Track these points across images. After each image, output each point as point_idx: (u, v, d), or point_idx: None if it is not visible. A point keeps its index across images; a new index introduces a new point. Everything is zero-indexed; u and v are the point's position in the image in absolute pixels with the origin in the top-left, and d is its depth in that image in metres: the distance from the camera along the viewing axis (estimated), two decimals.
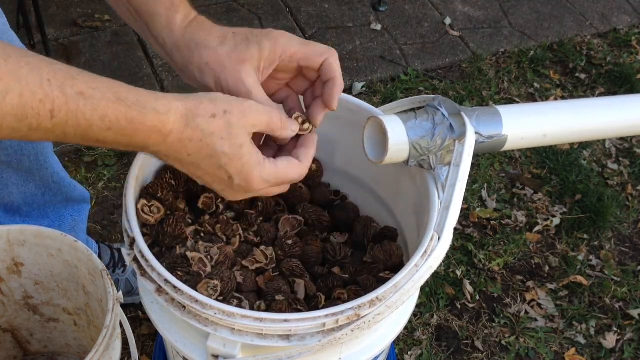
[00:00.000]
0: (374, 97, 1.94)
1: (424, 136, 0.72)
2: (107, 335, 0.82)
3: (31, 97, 0.51)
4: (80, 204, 1.20)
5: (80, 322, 1.10)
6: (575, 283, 1.56)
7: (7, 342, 1.14)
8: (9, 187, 1.08)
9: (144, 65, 1.92)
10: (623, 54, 2.24)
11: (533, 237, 1.65)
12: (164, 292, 0.70)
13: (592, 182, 1.79)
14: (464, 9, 2.32)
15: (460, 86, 2.02)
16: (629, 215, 1.74)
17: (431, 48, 2.14)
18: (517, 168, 1.83)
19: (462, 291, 1.51)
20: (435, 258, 0.70)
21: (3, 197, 1.09)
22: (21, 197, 1.10)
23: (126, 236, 0.75)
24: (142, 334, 1.34)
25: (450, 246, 0.78)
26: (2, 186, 1.07)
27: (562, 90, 2.08)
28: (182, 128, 0.60)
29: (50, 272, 1.01)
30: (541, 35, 2.26)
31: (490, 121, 0.75)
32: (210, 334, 0.70)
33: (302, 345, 0.68)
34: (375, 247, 0.88)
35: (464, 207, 1.67)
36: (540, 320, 1.48)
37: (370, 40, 2.13)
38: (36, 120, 0.52)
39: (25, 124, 0.52)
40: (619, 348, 1.46)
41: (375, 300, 0.68)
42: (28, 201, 1.11)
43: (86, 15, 2.05)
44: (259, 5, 2.18)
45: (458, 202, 0.71)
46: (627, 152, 1.92)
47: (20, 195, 1.10)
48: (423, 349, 1.39)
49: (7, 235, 0.95)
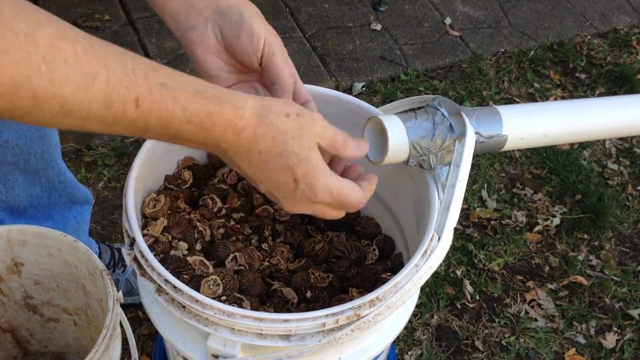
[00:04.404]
0: (374, 97, 1.94)
1: (424, 136, 0.72)
2: (107, 335, 0.82)
3: (118, 84, 0.50)
4: (83, 205, 1.20)
5: (80, 322, 1.10)
6: (575, 283, 1.56)
7: (7, 342, 1.14)
8: (15, 189, 1.08)
9: None
10: (623, 54, 2.24)
11: (533, 237, 1.65)
12: (164, 292, 0.70)
13: (592, 182, 1.79)
14: (464, 9, 2.32)
15: (460, 86, 2.02)
16: (629, 215, 1.74)
17: (431, 48, 2.14)
18: (517, 168, 1.83)
19: (462, 291, 1.51)
20: (435, 258, 0.70)
21: (9, 200, 1.09)
22: (27, 199, 1.10)
23: (126, 236, 0.75)
24: (142, 334, 1.34)
25: (450, 246, 0.78)
26: (8, 189, 1.07)
27: (562, 90, 2.08)
28: (256, 123, 0.59)
29: (50, 272, 1.01)
30: (541, 35, 2.26)
31: (490, 121, 0.75)
32: (210, 334, 0.70)
33: (302, 345, 0.68)
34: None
35: (464, 207, 1.67)
36: (540, 320, 1.48)
37: (370, 40, 2.13)
38: (122, 108, 0.51)
39: (111, 112, 0.51)
40: (619, 348, 1.46)
41: (375, 300, 0.68)
42: (34, 203, 1.11)
43: (86, 15, 2.05)
44: (259, 5, 2.17)
45: (458, 202, 0.71)
46: (627, 152, 1.92)
47: (26, 198, 1.10)
48: (423, 349, 1.39)
49: (7, 235, 0.95)
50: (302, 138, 0.61)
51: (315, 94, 0.91)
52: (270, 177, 0.63)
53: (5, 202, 1.09)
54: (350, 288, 0.83)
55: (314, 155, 0.62)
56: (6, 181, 1.06)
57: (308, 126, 0.62)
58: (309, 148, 0.62)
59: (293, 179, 0.62)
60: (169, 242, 0.84)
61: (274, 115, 0.60)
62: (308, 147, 0.62)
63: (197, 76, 0.68)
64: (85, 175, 1.61)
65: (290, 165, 0.61)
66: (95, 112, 0.51)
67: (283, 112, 0.61)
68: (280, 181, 0.63)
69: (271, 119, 0.60)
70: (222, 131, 0.58)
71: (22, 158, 1.03)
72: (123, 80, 0.51)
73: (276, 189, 0.64)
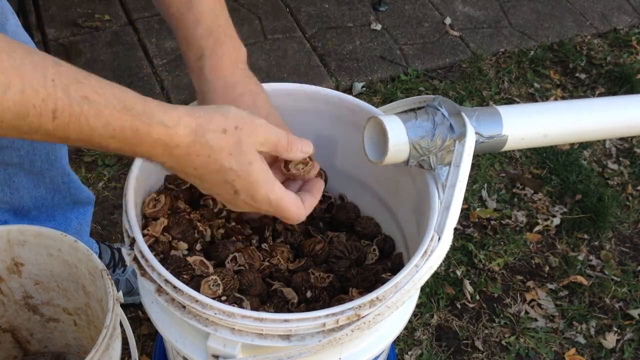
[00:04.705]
0: (374, 97, 1.94)
1: (424, 136, 0.72)
2: (107, 335, 0.82)
3: (33, 95, 0.50)
4: (85, 206, 1.20)
5: (80, 322, 1.10)
6: (575, 283, 1.56)
7: (7, 342, 1.14)
8: (20, 191, 1.07)
9: (144, 65, 1.92)
10: (623, 54, 2.24)
11: (533, 237, 1.65)
12: (164, 292, 0.70)
13: (592, 182, 1.79)
14: (464, 9, 2.32)
15: (460, 86, 2.02)
16: (629, 215, 1.74)
17: (431, 48, 2.14)
18: (517, 168, 1.83)
19: (462, 291, 1.51)
20: (435, 258, 0.70)
21: (14, 202, 1.09)
22: (31, 201, 1.10)
23: (126, 236, 0.75)
24: (142, 334, 1.34)
25: (450, 246, 0.78)
26: (13, 191, 1.07)
27: (562, 90, 2.08)
28: (190, 142, 0.59)
29: (50, 272, 1.01)
30: (541, 35, 2.26)
31: (490, 121, 0.75)
32: (210, 334, 0.70)
33: (302, 345, 0.68)
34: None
35: (464, 207, 1.67)
36: (540, 320, 1.48)
37: (370, 40, 2.13)
38: (37, 120, 0.51)
39: (26, 123, 0.51)
40: (619, 348, 1.46)
41: (375, 300, 0.68)
42: (37, 204, 1.11)
43: (86, 15, 2.05)
44: (259, 5, 2.18)
45: (458, 202, 0.71)
46: (627, 152, 1.92)
47: (30, 200, 1.10)
48: (423, 349, 1.39)
49: (7, 235, 0.95)
50: (241, 154, 0.60)
51: (315, 94, 0.92)
52: (211, 187, 0.64)
53: (9, 204, 1.08)
54: (351, 288, 0.83)
55: (254, 169, 0.62)
56: (11, 183, 1.06)
57: (246, 138, 0.61)
58: (249, 162, 0.61)
59: (233, 190, 0.63)
60: (169, 242, 0.84)
61: (211, 134, 0.59)
62: (248, 161, 0.61)
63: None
64: (86, 175, 1.61)
65: (229, 180, 0.62)
66: (8, 122, 0.50)
67: (219, 128, 0.60)
68: (222, 190, 0.63)
69: (206, 138, 0.59)
70: (150, 147, 0.57)
71: (28, 159, 1.03)
72: (39, 92, 0.50)
73: (218, 194, 0.65)
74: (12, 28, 0.91)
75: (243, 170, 0.61)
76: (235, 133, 0.60)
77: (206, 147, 0.59)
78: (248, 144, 0.61)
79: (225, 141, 0.60)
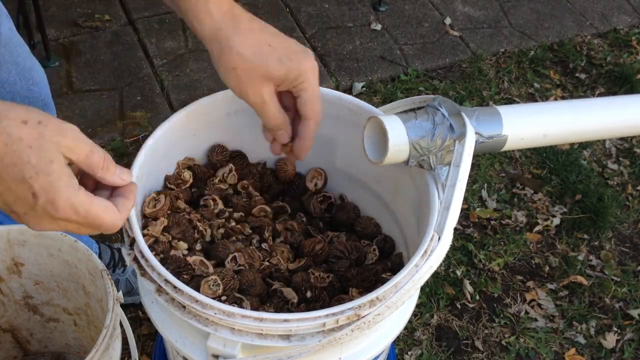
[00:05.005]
0: (374, 97, 1.94)
1: (424, 136, 0.72)
2: (107, 335, 0.82)
3: None
4: None
5: (80, 322, 1.10)
6: (575, 283, 1.56)
7: (7, 342, 1.14)
8: None
9: (144, 65, 1.92)
10: (623, 54, 2.24)
11: (533, 237, 1.65)
12: (164, 292, 0.70)
13: (592, 182, 1.79)
14: (464, 9, 2.32)
15: (460, 86, 2.02)
16: (629, 215, 1.74)
17: (431, 48, 2.14)
18: (517, 168, 1.83)
19: (462, 291, 1.51)
20: (435, 258, 0.70)
21: None
22: None
23: (126, 236, 0.75)
24: (142, 334, 1.34)
25: (450, 246, 0.78)
26: None
27: (562, 90, 2.08)
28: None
29: (50, 272, 1.01)
30: (541, 35, 2.26)
31: (490, 121, 0.75)
32: (210, 334, 0.70)
33: (302, 345, 0.68)
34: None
35: (464, 207, 1.67)
36: (540, 320, 1.48)
37: (370, 40, 2.13)
38: None
39: None
40: (619, 348, 1.46)
41: (375, 300, 0.68)
42: None
43: (86, 15, 2.05)
44: (259, 5, 2.18)
45: (458, 202, 0.71)
46: (627, 152, 1.92)
47: None
48: (423, 349, 1.39)
49: (7, 235, 0.95)
50: (42, 149, 0.55)
51: None
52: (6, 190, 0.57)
53: None
54: (350, 288, 0.83)
55: (55, 168, 0.56)
56: None
57: (51, 136, 0.56)
58: (50, 160, 0.56)
59: (31, 192, 0.56)
60: (169, 242, 0.84)
61: (8, 121, 0.55)
62: (49, 159, 0.56)
63: None
64: None
65: (27, 177, 0.56)
66: None
67: (20, 118, 0.55)
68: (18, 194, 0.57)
69: (4, 124, 0.54)
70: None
71: None
72: None
73: (14, 203, 0.58)
74: (6, 32, 0.91)
75: (42, 168, 0.55)
76: (38, 127, 0.56)
77: (3, 135, 0.54)
78: (51, 142, 0.56)
79: (26, 132, 0.55)
